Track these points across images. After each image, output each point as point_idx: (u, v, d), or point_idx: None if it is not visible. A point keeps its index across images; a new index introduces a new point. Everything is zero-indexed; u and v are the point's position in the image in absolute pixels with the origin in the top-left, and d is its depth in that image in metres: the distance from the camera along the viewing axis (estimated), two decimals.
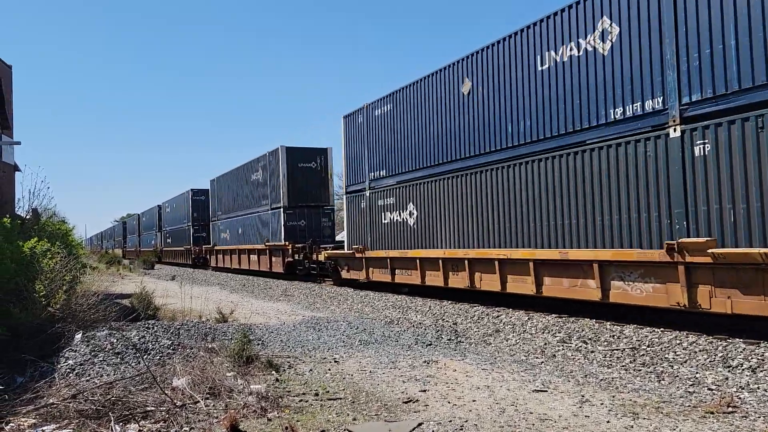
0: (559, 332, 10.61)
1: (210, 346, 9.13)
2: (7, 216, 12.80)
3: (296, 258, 24.39)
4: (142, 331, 9.66)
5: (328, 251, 22.01)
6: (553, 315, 11.95)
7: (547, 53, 11.80)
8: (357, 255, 18.99)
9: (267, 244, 27.08)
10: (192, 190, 43.00)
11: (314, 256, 23.12)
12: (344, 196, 20.17)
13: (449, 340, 10.62)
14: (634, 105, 10.08)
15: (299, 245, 24.54)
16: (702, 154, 8.99)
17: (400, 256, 16.79)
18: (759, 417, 5.86)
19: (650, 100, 9.82)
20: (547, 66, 11.78)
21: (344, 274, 20.45)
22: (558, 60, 11.53)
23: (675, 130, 9.38)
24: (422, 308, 14.73)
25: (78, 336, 8.81)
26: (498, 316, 12.52)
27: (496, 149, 13.28)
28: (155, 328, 10.11)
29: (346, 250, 20.08)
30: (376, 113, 18.29)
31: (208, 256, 39.22)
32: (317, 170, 26.92)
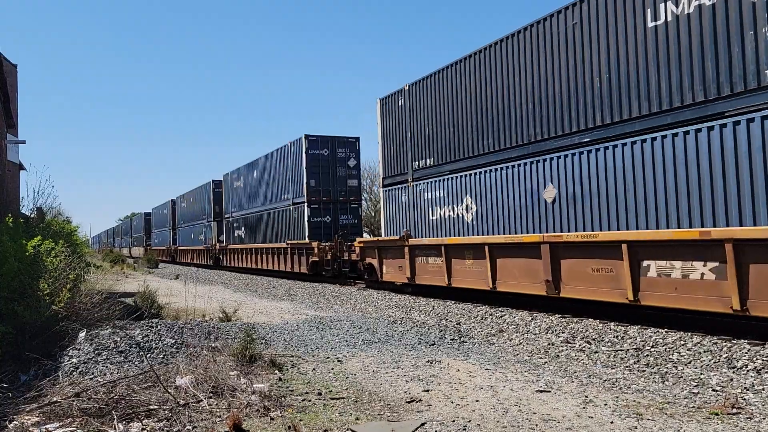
0: (562, 332, 10.59)
1: (213, 345, 9.14)
2: (9, 215, 12.84)
3: None
4: (146, 330, 9.67)
5: None
6: (556, 315, 11.92)
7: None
8: None
9: None
10: (308, 137, 24.56)
11: None
12: None
13: (453, 340, 10.60)
14: None
15: None
16: None
17: None
18: (764, 418, 5.82)
19: None
20: None
21: None
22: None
23: None
24: (425, 308, 14.71)
25: (82, 334, 8.83)
26: (501, 316, 12.50)
27: None
28: (159, 326, 10.12)
29: None
30: None
31: (376, 261, 18.98)
32: None
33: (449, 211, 15.52)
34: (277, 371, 7.91)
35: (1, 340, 7.71)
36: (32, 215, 17.54)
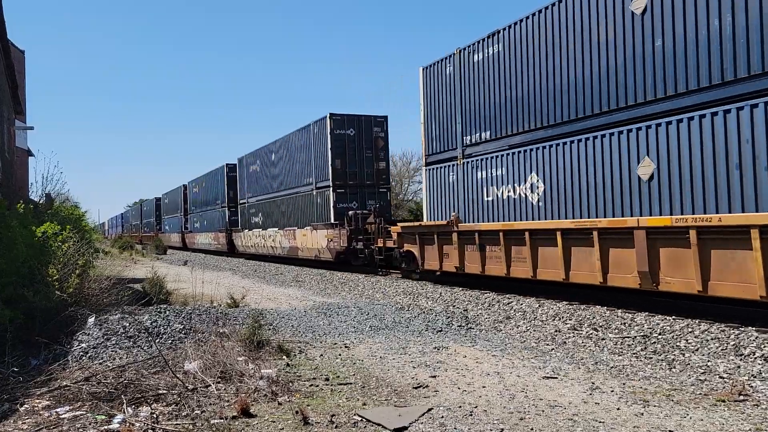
0: (569, 319, 10.58)
1: (221, 330, 9.19)
2: (20, 201, 12.91)
3: None
4: (154, 316, 9.74)
5: None
6: (564, 302, 11.91)
7: None
8: None
9: None
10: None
11: None
12: None
13: (460, 326, 10.62)
14: None
15: None
16: None
17: None
18: None
19: None
20: None
21: None
22: None
23: None
24: (433, 295, 14.73)
25: (91, 320, 8.90)
26: (509, 303, 12.50)
27: None
28: (167, 312, 10.19)
29: None
30: None
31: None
32: None
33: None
34: (284, 357, 7.95)
35: (11, 325, 7.78)
36: (41, 201, 17.65)
